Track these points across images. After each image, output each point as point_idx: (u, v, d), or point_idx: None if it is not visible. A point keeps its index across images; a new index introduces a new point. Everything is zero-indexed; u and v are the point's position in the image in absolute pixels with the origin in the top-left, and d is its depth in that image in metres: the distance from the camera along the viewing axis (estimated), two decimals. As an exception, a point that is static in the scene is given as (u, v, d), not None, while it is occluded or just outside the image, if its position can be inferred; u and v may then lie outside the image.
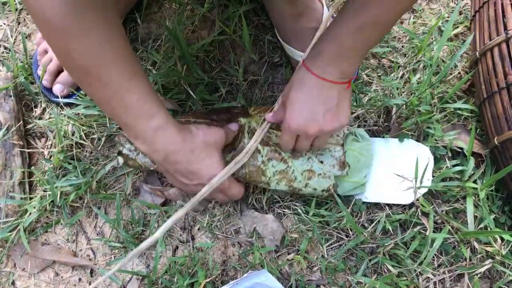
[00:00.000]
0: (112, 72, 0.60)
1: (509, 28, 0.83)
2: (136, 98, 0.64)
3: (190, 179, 0.75)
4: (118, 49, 0.60)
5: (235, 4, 0.99)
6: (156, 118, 0.67)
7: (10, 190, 0.89)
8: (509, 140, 0.82)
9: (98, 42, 0.57)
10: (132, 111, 0.65)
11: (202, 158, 0.72)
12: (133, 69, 0.63)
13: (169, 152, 0.70)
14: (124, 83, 0.62)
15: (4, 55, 1.02)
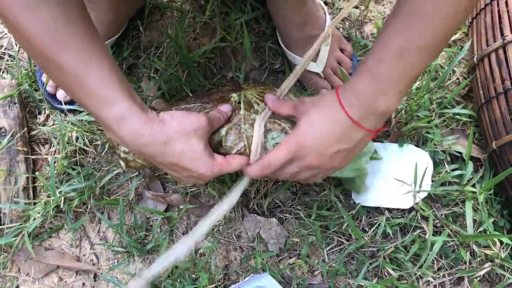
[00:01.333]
0: (69, 53, 0.54)
1: (506, 34, 0.84)
2: (95, 83, 0.56)
3: (177, 172, 0.66)
4: (74, 26, 0.54)
5: (236, 12, 1.01)
6: (117, 106, 0.58)
7: (14, 196, 0.90)
8: (507, 144, 0.83)
9: (52, 19, 0.51)
10: (94, 98, 0.57)
11: (180, 149, 0.62)
12: (93, 49, 0.56)
13: (139, 145, 0.60)
14: (82, 66, 0.55)
15: (9, 62, 1.04)
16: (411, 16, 0.54)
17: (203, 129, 0.65)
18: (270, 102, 0.71)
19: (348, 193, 0.91)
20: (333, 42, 0.96)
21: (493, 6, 0.89)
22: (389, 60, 0.56)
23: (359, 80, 0.60)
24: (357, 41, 1.03)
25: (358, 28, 1.06)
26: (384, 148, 0.92)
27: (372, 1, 1.09)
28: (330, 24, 0.86)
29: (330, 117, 0.62)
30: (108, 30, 0.94)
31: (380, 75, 0.58)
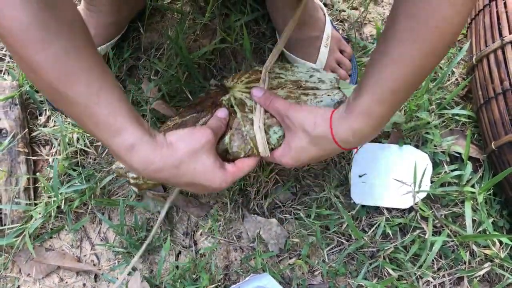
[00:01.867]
0: (79, 85, 0.54)
1: (505, 35, 0.85)
2: (105, 114, 0.56)
3: (194, 188, 0.67)
4: (84, 58, 0.54)
5: (236, 13, 1.01)
6: (127, 135, 0.58)
7: (15, 197, 0.90)
8: (506, 144, 0.83)
9: (64, 53, 0.52)
10: (104, 128, 0.58)
11: (192, 169, 0.63)
12: (102, 79, 0.56)
13: (151, 171, 0.61)
14: (93, 96, 0.55)
15: (10, 64, 1.04)
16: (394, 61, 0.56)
17: (209, 143, 0.65)
18: (257, 99, 0.73)
19: (348, 194, 0.91)
20: (333, 43, 0.97)
21: (492, 7, 0.90)
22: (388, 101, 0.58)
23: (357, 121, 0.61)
24: (356, 43, 1.03)
25: (358, 30, 1.07)
26: (383, 148, 0.93)
27: (371, 2, 1.09)
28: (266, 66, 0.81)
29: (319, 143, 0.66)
30: (108, 32, 0.95)
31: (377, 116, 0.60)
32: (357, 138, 0.63)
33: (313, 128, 0.65)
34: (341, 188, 0.92)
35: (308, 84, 0.75)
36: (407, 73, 0.55)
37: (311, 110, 0.67)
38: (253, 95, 0.73)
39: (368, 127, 0.61)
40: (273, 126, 0.72)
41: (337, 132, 0.63)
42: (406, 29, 0.53)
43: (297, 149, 0.68)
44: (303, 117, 0.67)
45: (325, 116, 0.65)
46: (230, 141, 0.71)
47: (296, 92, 0.74)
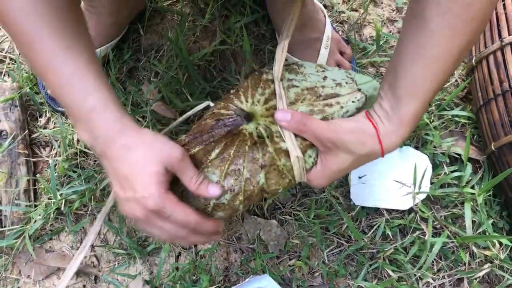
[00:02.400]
0: (47, 40, 0.52)
1: (504, 36, 0.85)
2: (71, 72, 0.53)
3: (123, 188, 0.57)
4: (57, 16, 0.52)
5: (236, 15, 1.01)
6: (92, 97, 0.54)
7: (15, 198, 0.91)
8: (506, 145, 0.83)
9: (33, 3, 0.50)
10: (68, 87, 0.54)
11: (136, 159, 0.55)
12: (73, 40, 0.54)
13: (106, 141, 0.56)
14: (59, 52, 0.53)
15: (10, 66, 1.04)
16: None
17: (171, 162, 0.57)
18: (287, 125, 0.61)
19: (348, 195, 0.91)
20: (333, 45, 0.97)
21: (491, 8, 0.90)
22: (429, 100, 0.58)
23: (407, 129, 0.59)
24: (356, 44, 1.03)
25: (357, 31, 1.07)
26: (383, 150, 0.93)
27: (371, 4, 1.09)
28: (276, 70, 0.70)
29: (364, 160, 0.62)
30: (108, 33, 0.95)
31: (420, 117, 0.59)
32: (399, 145, 0.61)
33: (361, 148, 0.60)
34: (340, 189, 0.92)
35: (327, 91, 0.65)
36: (447, 70, 0.55)
37: (353, 129, 0.61)
38: (279, 120, 0.61)
39: (412, 130, 0.61)
40: (307, 151, 0.63)
41: (387, 145, 0.60)
42: (443, 26, 0.52)
43: (336, 170, 0.63)
44: (348, 139, 0.60)
45: (370, 133, 0.60)
46: (266, 179, 0.62)
47: (318, 105, 0.64)
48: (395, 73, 0.58)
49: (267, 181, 0.62)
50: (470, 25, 0.51)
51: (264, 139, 0.62)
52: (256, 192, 0.62)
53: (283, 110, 0.62)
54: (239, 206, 0.62)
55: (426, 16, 0.52)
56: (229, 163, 0.60)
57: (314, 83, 0.66)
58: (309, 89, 0.65)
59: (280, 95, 0.63)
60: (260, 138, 0.62)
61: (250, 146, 0.61)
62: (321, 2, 1.06)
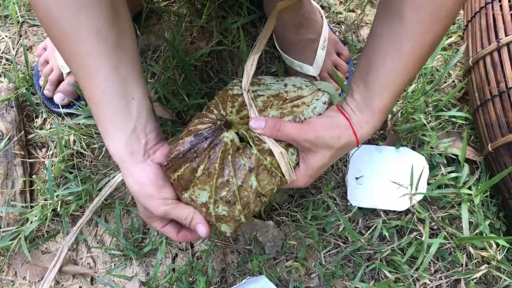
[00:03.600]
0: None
1: (501, 37, 0.85)
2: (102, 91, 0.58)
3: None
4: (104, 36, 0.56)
5: (232, 15, 1.01)
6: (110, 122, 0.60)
7: (11, 199, 0.90)
8: (503, 146, 0.83)
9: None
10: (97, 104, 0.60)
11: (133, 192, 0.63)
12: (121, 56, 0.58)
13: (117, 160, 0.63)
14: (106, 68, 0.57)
15: (6, 67, 1.04)
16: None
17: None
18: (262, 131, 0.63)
19: (344, 196, 0.91)
20: (330, 46, 0.97)
21: (488, 9, 0.90)
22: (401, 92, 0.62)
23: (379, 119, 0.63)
24: (353, 45, 1.03)
25: (354, 32, 1.07)
26: (380, 150, 0.93)
27: (368, 4, 1.09)
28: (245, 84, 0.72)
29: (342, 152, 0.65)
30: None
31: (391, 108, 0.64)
32: (372, 134, 0.65)
33: (338, 141, 0.63)
34: (337, 190, 0.92)
35: (291, 95, 0.68)
36: (418, 64, 0.59)
37: (329, 125, 0.64)
38: (253, 128, 0.63)
39: (383, 120, 0.64)
40: (289, 149, 0.65)
41: (361, 134, 0.64)
42: (418, 22, 0.55)
43: (320, 166, 0.65)
44: (326, 135, 0.63)
45: (345, 125, 0.64)
46: (258, 181, 0.62)
47: (286, 107, 0.66)
48: (367, 66, 0.61)
49: (259, 183, 0.62)
50: (443, 22, 0.55)
51: (246, 142, 0.63)
52: (252, 198, 0.62)
53: (256, 117, 0.63)
54: (240, 216, 0.63)
55: (402, 12, 0.55)
56: (216, 176, 0.61)
57: (278, 90, 0.68)
58: (274, 96, 0.67)
59: (250, 104, 0.64)
60: (242, 142, 0.63)
61: (233, 154, 0.61)
62: (318, 2, 1.06)
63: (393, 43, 0.57)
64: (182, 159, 0.62)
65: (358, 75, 0.63)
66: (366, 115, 0.63)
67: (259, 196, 0.63)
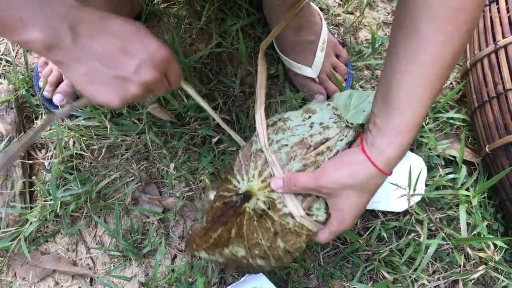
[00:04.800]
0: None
1: (498, 39, 0.85)
2: None
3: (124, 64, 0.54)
4: None
5: (232, 17, 1.02)
6: None
7: (11, 200, 0.90)
8: (500, 148, 0.84)
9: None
10: None
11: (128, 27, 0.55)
12: None
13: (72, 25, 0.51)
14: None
15: (6, 68, 1.04)
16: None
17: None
18: (282, 190, 0.63)
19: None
20: (329, 48, 0.97)
21: (485, 12, 0.91)
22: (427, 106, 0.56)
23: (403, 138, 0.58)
24: (352, 47, 1.04)
25: (353, 34, 1.07)
26: (378, 152, 0.93)
27: (367, 7, 1.10)
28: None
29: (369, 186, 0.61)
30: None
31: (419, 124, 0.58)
32: (400, 157, 0.59)
33: (355, 178, 0.60)
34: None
35: (316, 139, 0.66)
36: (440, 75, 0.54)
37: (339, 166, 0.61)
38: (275, 189, 0.64)
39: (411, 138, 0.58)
40: (313, 205, 0.65)
41: (382, 162, 0.58)
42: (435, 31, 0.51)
43: (350, 207, 0.62)
44: (338, 177, 0.60)
45: (361, 159, 0.59)
46: (285, 242, 0.66)
47: (310, 157, 0.65)
48: (387, 85, 0.57)
49: (286, 243, 0.66)
50: (463, 28, 0.51)
51: (267, 211, 0.65)
52: (282, 255, 0.67)
53: (274, 178, 0.64)
54: (277, 264, 0.70)
55: (417, 23, 0.52)
56: (247, 239, 0.67)
57: (302, 135, 0.66)
58: (298, 143, 0.66)
59: (272, 162, 0.65)
60: (263, 211, 0.65)
61: (257, 220, 0.66)
62: (317, 5, 1.07)
63: (410, 56, 0.54)
64: (217, 222, 0.69)
65: (380, 96, 0.58)
66: (387, 137, 0.57)
67: (288, 253, 0.67)
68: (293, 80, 1.00)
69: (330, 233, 0.66)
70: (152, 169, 0.96)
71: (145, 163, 0.95)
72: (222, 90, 1.00)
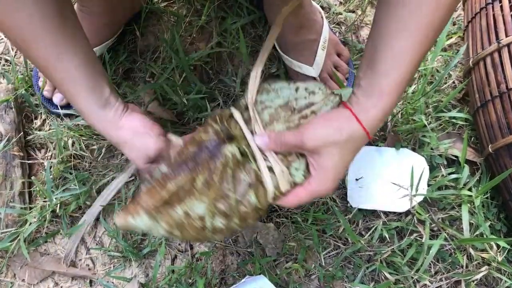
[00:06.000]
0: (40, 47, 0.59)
1: (501, 37, 0.85)
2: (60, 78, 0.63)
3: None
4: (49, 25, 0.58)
5: (232, 16, 1.01)
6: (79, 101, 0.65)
7: (10, 200, 0.90)
8: (503, 147, 0.83)
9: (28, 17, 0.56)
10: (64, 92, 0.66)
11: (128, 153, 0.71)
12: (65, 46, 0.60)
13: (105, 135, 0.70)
14: (51, 60, 0.61)
15: (5, 67, 1.04)
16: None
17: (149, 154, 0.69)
18: (267, 147, 0.63)
19: (344, 197, 0.91)
20: (330, 47, 0.96)
21: (488, 10, 0.90)
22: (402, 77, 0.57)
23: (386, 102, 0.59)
24: (353, 46, 1.03)
25: (355, 33, 1.07)
26: (380, 152, 0.92)
27: (368, 5, 1.09)
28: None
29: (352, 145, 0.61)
30: (102, 33, 0.94)
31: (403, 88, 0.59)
32: (382, 119, 0.60)
33: (340, 134, 0.59)
34: (337, 191, 0.92)
35: (300, 102, 0.65)
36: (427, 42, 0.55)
37: (325, 122, 0.61)
38: (259, 145, 0.63)
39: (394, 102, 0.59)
40: (293, 164, 0.63)
41: (367, 121, 0.59)
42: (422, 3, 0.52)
43: (332, 167, 0.61)
44: (323, 132, 0.60)
45: (346, 116, 0.60)
46: (257, 197, 0.62)
47: (294, 120, 0.64)
48: (373, 51, 0.58)
49: (258, 198, 0.62)
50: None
51: (247, 157, 0.62)
52: (250, 212, 0.62)
53: (260, 135, 0.62)
54: (237, 227, 0.63)
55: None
56: (215, 189, 0.60)
57: (287, 99, 0.65)
58: (283, 106, 0.64)
59: (255, 119, 0.63)
60: (243, 156, 0.62)
61: (233, 168, 0.61)
62: (318, 3, 1.06)
63: (399, 23, 0.54)
64: (183, 168, 0.61)
65: (365, 62, 0.60)
66: (372, 98, 0.58)
67: (257, 210, 0.63)
68: (294, 79, 0.99)
69: (306, 193, 0.64)
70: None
71: (145, 163, 0.95)
72: (223, 90, 0.99)
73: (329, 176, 0.62)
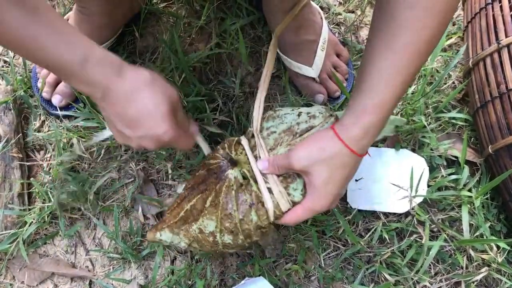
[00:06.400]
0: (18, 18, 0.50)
1: (501, 38, 0.84)
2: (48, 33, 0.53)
3: (131, 127, 0.60)
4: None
5: (231, 17, 1.01)
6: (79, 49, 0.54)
7: (9, 202, 0.90)
8: (503, 148, 0.83)
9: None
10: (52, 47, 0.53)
11: (144, 102, 0.58)
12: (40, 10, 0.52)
13: (107, 88, 0.57)
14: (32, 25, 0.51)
15: (4, 69, 1.04)
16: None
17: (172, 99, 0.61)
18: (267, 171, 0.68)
19: (344, 198, 0.91)
20: (329, 47, 0.96)
21: (488, 10, 0.90)
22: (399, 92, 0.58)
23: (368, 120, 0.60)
24: (352, 46, 1.03)
25: (354, 33, 1.06)
26: (380, 152, 0.92)
27: (368, 5, 1.09)
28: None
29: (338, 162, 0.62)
30: (101, 34, 0.94)
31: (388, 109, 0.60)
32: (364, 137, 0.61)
33: (323, 153, 0.62)
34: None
35: (302, 126, 0.70)
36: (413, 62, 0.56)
37: (307, 142, 0.64)
38: (261, 170, 0.68)
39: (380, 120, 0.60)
40: (290, 185, 0.68)
41: (348, 138, 0.61)
42: (411, 19, 0.53)
43: (322, 184, 0.63)
44: (307, 152, 0.63)
45: (329, 135, 0.62)
46: (258, 216, 0.68)
47: (295, 143, 0.69)
48: (361, 67, 0.60)
49: (259, 217, 0.68)
50: (437, 17, 0.53)
51: (248, 179, 0.69)
52: (253, 230, 0.68)
53: (261, 160, 0.69)
54: (244, 243, 0.70)
55: (394, 11, 0.54)
56: (221, 209, 0.68)
57: (290, 123, 0.71)
58: (286, 130, 0.71)
59: (260, 145, 0.70)
60: (244, 179, 0.69)
61: (236, 190, 0.68)
62: (318, 3, 1.06)
63: (385, 42, 0.56)
64: (196, 190, 0.70)
65: (356, 80, 0.62)
66: (353, 117, 0.60)
67: (259, 228, 0.69)
68: (294, 80, 0.99)
69: (303, 210, 0.67)
70: (151, 170, 0.95)
71: (143, 164, 0.95)
72: (222, 91, 0.99)
73: (321, 193, 0.65)
